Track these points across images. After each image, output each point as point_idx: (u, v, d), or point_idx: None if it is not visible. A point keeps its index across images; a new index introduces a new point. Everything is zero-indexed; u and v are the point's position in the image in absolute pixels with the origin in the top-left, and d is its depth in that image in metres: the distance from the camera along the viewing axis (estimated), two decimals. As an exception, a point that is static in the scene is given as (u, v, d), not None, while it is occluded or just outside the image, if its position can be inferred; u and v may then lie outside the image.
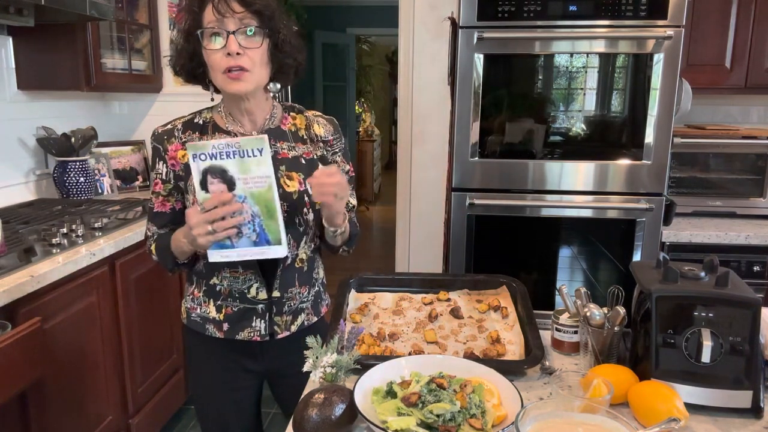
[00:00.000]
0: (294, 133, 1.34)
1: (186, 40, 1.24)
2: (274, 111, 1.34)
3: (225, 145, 1.11)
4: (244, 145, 1.11)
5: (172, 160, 1.31)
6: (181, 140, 1.31)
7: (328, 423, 0.90)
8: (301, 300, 1.37)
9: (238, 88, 1.21)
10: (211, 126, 1.32)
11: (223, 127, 1.32)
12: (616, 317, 1.13)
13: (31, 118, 2.50)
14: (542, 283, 2.36)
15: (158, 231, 1.36)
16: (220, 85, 1.23)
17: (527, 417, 0.80)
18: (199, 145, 1.13)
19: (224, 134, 1.31)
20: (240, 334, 1.34)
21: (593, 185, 2.21)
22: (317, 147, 1.35)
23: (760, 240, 2.23)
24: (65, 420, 1.80)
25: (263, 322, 1.34)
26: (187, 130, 1.32)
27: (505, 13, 2.10)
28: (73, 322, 1.82)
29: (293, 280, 1.35)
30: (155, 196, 1.35)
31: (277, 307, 1.34)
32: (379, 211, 7.51)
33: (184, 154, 1.29)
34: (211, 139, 1.30)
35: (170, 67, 1.30)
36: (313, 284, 1.41)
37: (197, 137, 1.31)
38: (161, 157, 1.32)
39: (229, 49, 1.17)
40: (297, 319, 1.38)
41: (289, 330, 1.37)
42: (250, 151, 1.11)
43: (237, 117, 1.31)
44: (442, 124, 2.68)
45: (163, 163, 1.32)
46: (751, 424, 0.97)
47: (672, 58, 2.07)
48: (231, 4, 1.17)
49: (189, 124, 1.33)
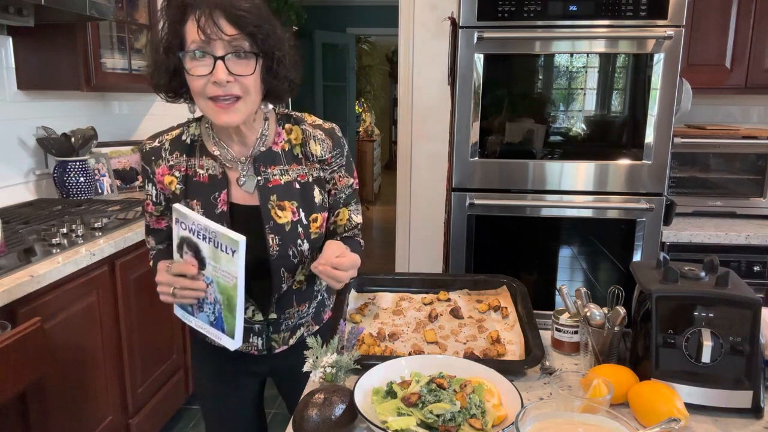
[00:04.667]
0: (288, 152, 1.22)
1: (165, 54, 1.08)
2: (266, 129, 1.21)
3: (204, 228, 1.07)
4: (220, 238, 1.05)
5: (160, 184, 1.23)
6: (168, 162, 1.21)
7: (328, 423, 0.90)
8: (300, 317, 1.34)
9: (227, 119, 1.08)
10: (199, 147, 1.21)
11: (210, 151, 1.20)
12: (616, 317, 1.13)
13: (31, 118, 2.50)
14: (542, 283, 2.36)
15: (156, 246, 1.34)
16: (205, 113, 1.10)
17: (527, 417, 0.80)
18: (183, 212, 1.10)
19: (210, 158, 1.20)
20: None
21: (593, 185, 2.21)
22: (313, 168, 1.23)
23: (760, 240, 2.23)
24: (65, 420, 1.80)
25: (260, 339, 1.32)
26: (174, 150, 1.21)
27: (505, 13, 2.10)
28: (73, 322, 1.82)
29: (290, 302, 1.30)
30: (149, 215, 1.30)
31: (275, 326, 1.31)
32: (379, 211, 7.51)
33: (171, 180, 1.21)
34: (201, 161, 1.21)
35: (147, 79, 1.14)
36: (315, 296, 1.36)
37: (185, 160, 1.21)
38: (149, 179, 1.24)
39: (217, 77, 1.02)
40: (296, 333, 1.35)
41: (287, 344, 1.35)
42: (223, 245, 1.05)
43: (225, 140, 1.20)
44: (442, 124, 2.68)
45: (152, 185, 1.24)
46: (751, 424, 0.97)
47: (672, 58, 2.07)
48: (219, 23, 1.01)
49: (176, 142, 1.22)
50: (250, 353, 1.34)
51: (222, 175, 1.19)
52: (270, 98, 1.18)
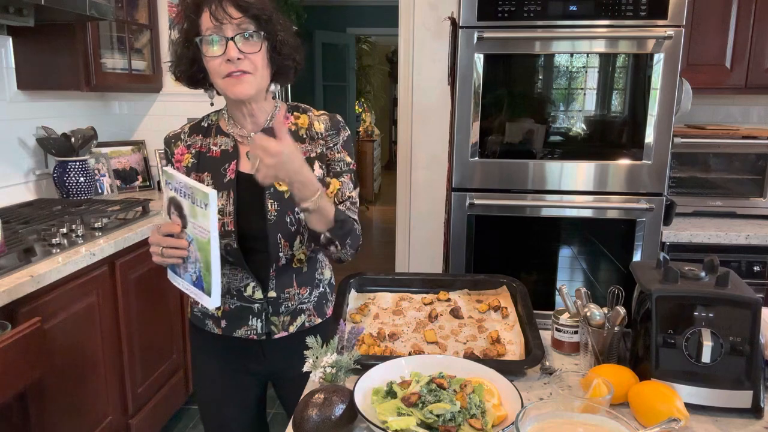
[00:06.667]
0: (294, 132, 1.33)
1: (185, 46, 1.24)
2: (276, 111, 1.34)
3: (184, 185, 1.13)
4: (195, 193, 1.10)
5: (178, 163, 1.34)
6: (186, 143, 1.34)
7: (328, 423, 0.90)
8: (301, 301, 1.37)
9: (240, 90, 1.21)
10: (215, 128, 1.35)
11: (225, 130, 1.34)
12: (616, 317, 1.13)
13: (31, 118, 2.50)
14: (542, 283, 2.36)
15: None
16: (221, 89, 1.24)
17: (527, 417, 0.80)
18: (169, 173, 1.17)
19: (224, 136, 1.33)
20: (237, 331, 1.35)
21: (593, 185, 2.21)
22: (317, 145, 1.33)
23: (760, 240, 2.23)
24: (65, 420, 1.80)
25: (260, 321, 1.34)
26: (192, 133, 1.36)
27: (505, 13, 2.10)
28: (73, 322, 1.82)
29: (290, 281, 1.34)
30: None
31: (274, 307, 1.34)
32: (379, 211, 7.51)
33: (186, 157, 1.33)
34: (215, 139, 1.33)
35: (171, 73, 1.31)
36: (317, 285, 1.40)
37: (200, 139, 1.34)
38: (169, 161, 1.36)
39: (229, 55, 1.18)
40: (296, 320, 1.37)
41: (287, 330, 1.36)
42: (198, 200, 1.10)
43: (239, 119, 1.32)
44: (442, 124, 2.68)
45: (172, 166, 1.35)
46: (751, 424, 0.97)
47: (672, 58, 2.07)
48: (228, 9, 1.18)
49: (196, 127, 1.37)
50: (249, 339, 1.35)
51: (233, 149, 1.31)
52: (278, 78, 1.30)
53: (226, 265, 1.32)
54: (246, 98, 1.24)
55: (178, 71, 1.29)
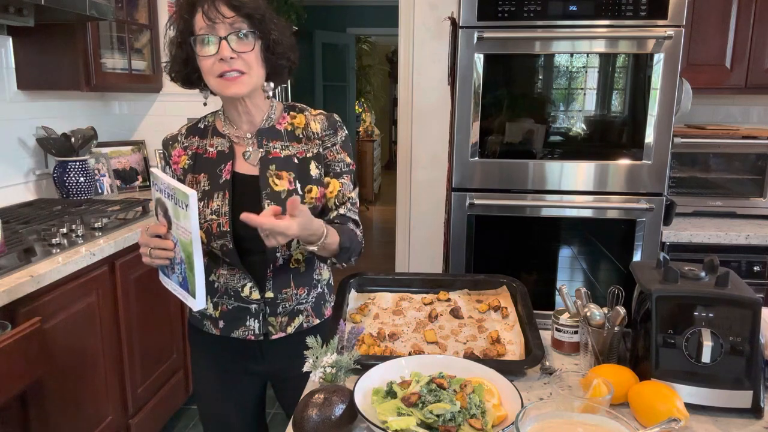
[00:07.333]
0: (290, 132, 1.33)
1: (179, 47, 1.25)
2: (273, 111, 1.34)
3: (167, 186, 1.13)
4: (176, 193, 1.11)
5: (175, 165, 1.34)
6: (183, 145, 1.35)
7: (328, 423, 0.90)
8: (299, 301, 1.36)
9: (234, 90, 1.22)
10: (211, 130, 1.35)
11: (221, 131, 1.34)
12: (616, 317, 1.13)
13: (31, 118, 2.50)
14: (542, 283, 2.36)
15: None
16: (215, 89, 1.24)
17: (527, 417, 0.80)
18: (155, 174, 1.18)
19: (220, 137, 1.33)
20: (235, 332, 1.35)
21: (593, 185, 2.21)
22: (313, 145, 1.33)
23: (760, 240, 2.23)
24: (65, 420, 1.80)
25: (257, 321, 1.34)
26: (189, 134, 1.36)
27: (505, 13, 2.10)
28: (73, 322, 1.82)
29: (288, 281, 1.34)
30: None
31: (271, 307, 1.34)
32: (379, 211, 7.51)
33: (183, 159, 1.33)
34: (212, 140, 1.34)
35: (166, 73, 1.32)
36: (315, 286, 1.39)
37: (197, 140, 1.34)
38: (168, 163, 1.36)
39: (222, 54, 1.18)
40: (294, 321, 1.36)
41: (284, 331, 1.36)
42: (180, 201, 1.10)
43: (235, 119, 1.32)
44: (442, 124, 2.68)
45: (170, 168, 1.35)
46: (751, 424, 0.97)
47: (672, 58, 2.07)
48: (221, 9, 1.18)
49: (192, 128, 1.37)
50: (247, 340, 1.35)
51: (229, 150, 1.31)
52: (273, 77, 1.31)
53: (224, 266, 1.32)
54: (240, 96, 1.25)
55: (172, 71, 1.29)
